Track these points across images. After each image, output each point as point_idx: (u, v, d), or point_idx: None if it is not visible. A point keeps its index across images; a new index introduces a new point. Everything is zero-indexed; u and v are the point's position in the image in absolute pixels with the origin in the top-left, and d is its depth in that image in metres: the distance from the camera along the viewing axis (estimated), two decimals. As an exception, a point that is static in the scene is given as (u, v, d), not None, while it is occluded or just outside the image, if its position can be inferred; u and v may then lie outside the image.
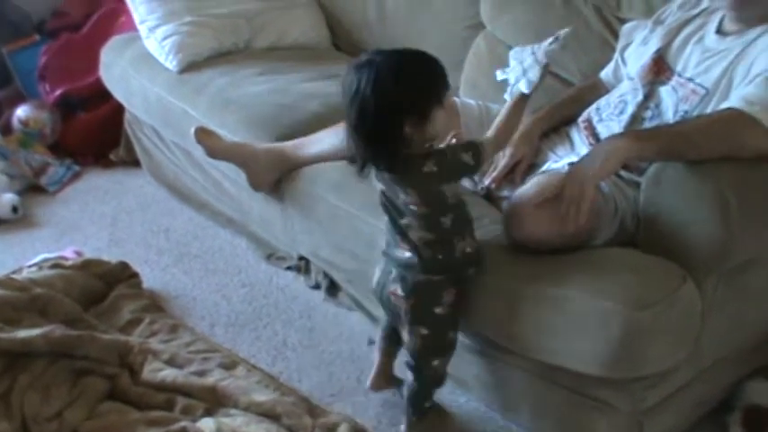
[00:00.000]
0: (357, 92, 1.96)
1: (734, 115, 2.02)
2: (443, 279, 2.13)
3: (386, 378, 2.46)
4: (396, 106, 1.96)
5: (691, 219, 2.01)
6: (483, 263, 2.16)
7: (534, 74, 2.13)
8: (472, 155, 2.04)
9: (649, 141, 2.06)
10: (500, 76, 2.22)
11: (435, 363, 2.23)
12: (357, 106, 1.97)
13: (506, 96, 2.19)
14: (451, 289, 2.15)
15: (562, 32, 2.15)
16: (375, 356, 2.45)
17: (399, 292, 2.15)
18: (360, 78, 1.96)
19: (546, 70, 2.14)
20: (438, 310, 2.15)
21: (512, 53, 2.22)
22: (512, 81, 2.18)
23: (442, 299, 2.14)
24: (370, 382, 2.46)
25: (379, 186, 2.11)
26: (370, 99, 1.95)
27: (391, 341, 2.40)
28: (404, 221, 2.09)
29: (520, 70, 2.16)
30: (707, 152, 2.02)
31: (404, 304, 2.16)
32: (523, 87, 2.14)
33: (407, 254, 2.12)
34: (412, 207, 2.06)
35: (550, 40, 2.15)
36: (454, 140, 2.19)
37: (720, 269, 2.06)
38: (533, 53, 2.15)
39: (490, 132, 2.15)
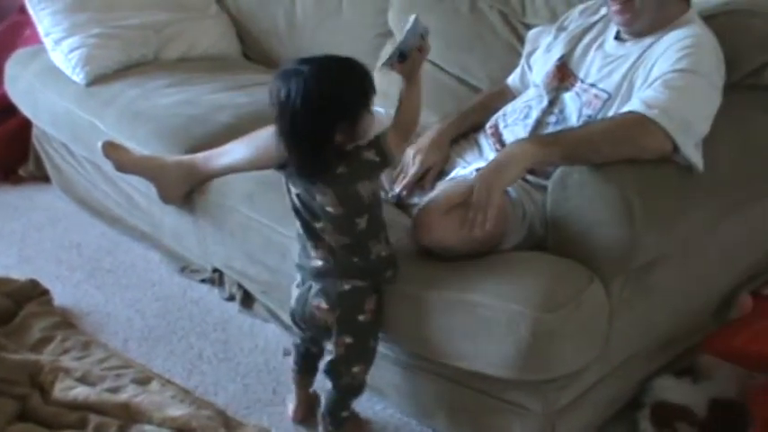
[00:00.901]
0: (287, 101, 1.96)
1: (634, 118, 2.07)
2: (366, 286, 2.14)
3: (308, 407, 2.43)
4: (327, 114, 1.96)
5: (596, 221, 2.04)
6: (398, 266, 2.17)
7: (403, 42, 2.11)
8: (375, 151, 2.04)
9: (553, 146, 2.10)
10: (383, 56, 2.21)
11: (356, 370, 2.23)
12: (288, 115, 1.97)
13: (379, 66, 2.16)
14: (373, 295, 2.16)
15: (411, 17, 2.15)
16: (293, 390, 2.43)
17: (323, 305, 2.15)
18: (288, 86, 1.96)
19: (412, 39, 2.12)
20: (361, 318, 2.16)
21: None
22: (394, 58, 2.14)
23: (365, 306, 2.15)
24: (293, 416, 2.43)
25: (294, 190, 2.10)
26: (300, 107, 1.95)
27: (306, 371, 2.40)
28: (319, 225, 2.09)
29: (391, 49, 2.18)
30: (610, 155, 2.06)
31: (330, 316, 2.15)
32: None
33: (320, 262, 2.12)
34: (328, 209, 2.06)
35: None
36: None
37: (627, 269, 2.09)
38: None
39: (392, 120, 2.15)
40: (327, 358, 2.24)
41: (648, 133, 2.05)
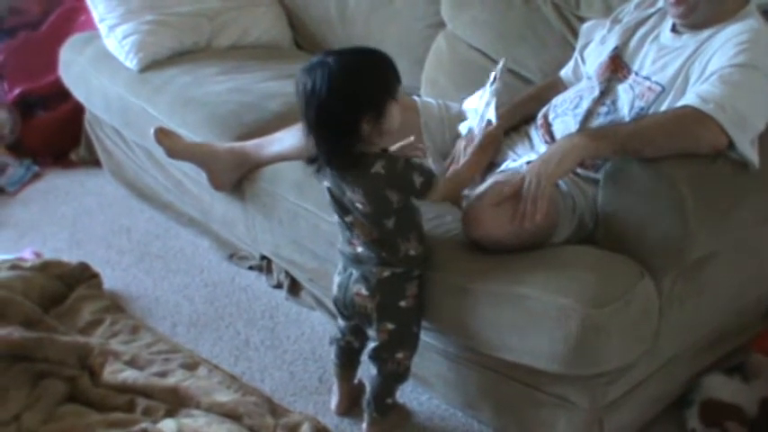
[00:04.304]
0: (313, 92, 1.98)
1: (689, 113, 2.04)
2: (405, 271, 2.14)
3: (351, 400, 2.44)
4: (352, 102, 1.98)
5: (648, 216, 2.02)
6: (428, 266, 2.18)
7: (491, 114, 2.22)
8: (422, 182, 2.06)
9: (605, 140, 2.08)
10: (463, 129, 2.33)
11: (399, 356, 2.23)
12: (314, 106, 1.99)
13: (461, 129, 2.31)
14: (414, 281, 2.17)
15: (498, 69, 2.26)
16: (334, 384, 2.45)
17: (364, 291, 2.16)
18: (314, 79, 1.98)
19: (497, 105, 2.23)
20: (403, 304, 2.17)
21: (464, 106, 2.37)
22: (475, 129, 2.28)
23: (406, 291, 2.16)
24: (336, 409, 2.44)
25: (325, 183, 2.13)
26: (326, 97, 1.97)
27: (347, 365, 2.41)
28: (348, 219, 2.12)
29: (477, 117, 2.27)
30: (663, 150, 2.04)
31: (370, 303, 2.16)
32: (492, 117, 2.23)
33: (360, 248, 2.14)
34: (357, 205, 2.08)
35: (491, 80, 2.25)
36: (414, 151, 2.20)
37: (678, 266, 2.07)
38: (481, 97, 2.27)
39: (455, 167, 2.22)
40: (371, 345, 2.25)
41: (703, 128, 2.03)
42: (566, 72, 2.61)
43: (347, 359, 2.39)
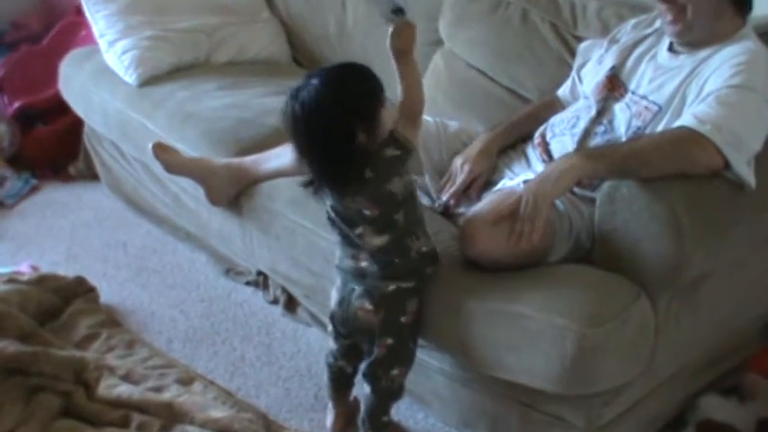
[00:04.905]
0: (303, 112, 1.98)
1: (685, 134, 2.05)
2: (410, 287, 2.14)
3: (347, 418, 2.43)
4: (343, 114, 1.98)
5: (644, 236, 2.02)
6: (439, 261, 2.17)
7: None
8: (394, 146, 2.05)
9: (602, 160, 2.09)
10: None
11: (395, 372, 2.23)
12: (306, 128, 1.99)
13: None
14: (415, 297, 2.16)
15: None
16: (329, 406, 2.44)
17: (367, 306, 2.15)
18: (303, 100, 1.98)
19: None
20: (403, 319, 2.16)
21: None
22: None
23: (407, 307, 2.16)
24: (332, 427, 2.43)
25: (328, 202, 2.12)
26: (316, 114, 1.97)
27: (341, 388, 2.40)
28: (357, 231, 2.11)
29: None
30: (659, 170, 2.04)
31: (374, 318, 2.16)
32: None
33: (363, 263, 2.14)
34: (365, 212, 2.07)
35: None
36: None
37: (674, 285, 2.08)
38: None
39: (398, 102, 2.10)
40: (367, 361, 2.24)
41: (700, 149, 2.03)
42: (563, 91, 2.62)
43: (340, 383, 2.39)
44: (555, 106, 2.59)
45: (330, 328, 2.30)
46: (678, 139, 2.06)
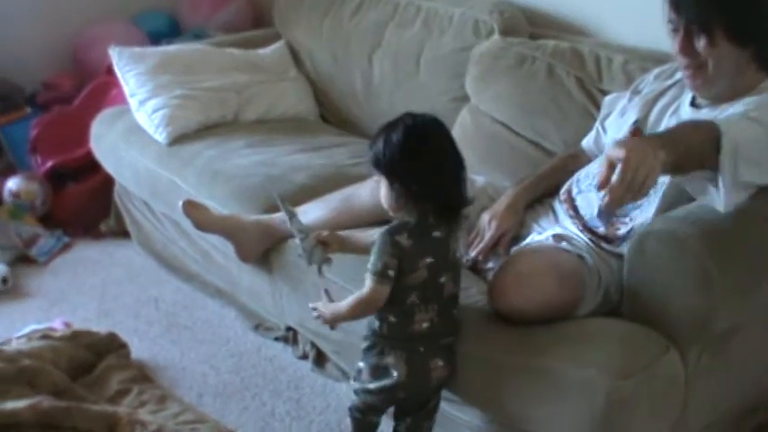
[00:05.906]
0: (426, 133, 2.06)
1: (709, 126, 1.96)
2: (454, 341, 2.16)
3: None
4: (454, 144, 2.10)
5: (673, 288, 2.03)
6: None
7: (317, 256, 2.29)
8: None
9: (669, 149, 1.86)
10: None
11: (430, 424, 2.25)
12: (434, 145, 2.06)
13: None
14: None
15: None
16: None
17: (441, 363, 2.14)
18: (415, 125, 2.05)
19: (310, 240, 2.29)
20: None
21: None
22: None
23: None
24: None
25: (428, 259, 2.07)
26: (441, 133, 2.09)
27: None
28: (443, 279, 2.10)
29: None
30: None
31: (446, 372, 2.16)
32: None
33: (425, 324, 2.11)
34: (456, 255, 2.13)
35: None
36: None
37: (703, 338, 2.07)
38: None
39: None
40: (416, 422, 2.24)
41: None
42: (587, 142, 2.63)
43: None
44: (580, 158, 2.60)
45: (387, 400, 2.24)
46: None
